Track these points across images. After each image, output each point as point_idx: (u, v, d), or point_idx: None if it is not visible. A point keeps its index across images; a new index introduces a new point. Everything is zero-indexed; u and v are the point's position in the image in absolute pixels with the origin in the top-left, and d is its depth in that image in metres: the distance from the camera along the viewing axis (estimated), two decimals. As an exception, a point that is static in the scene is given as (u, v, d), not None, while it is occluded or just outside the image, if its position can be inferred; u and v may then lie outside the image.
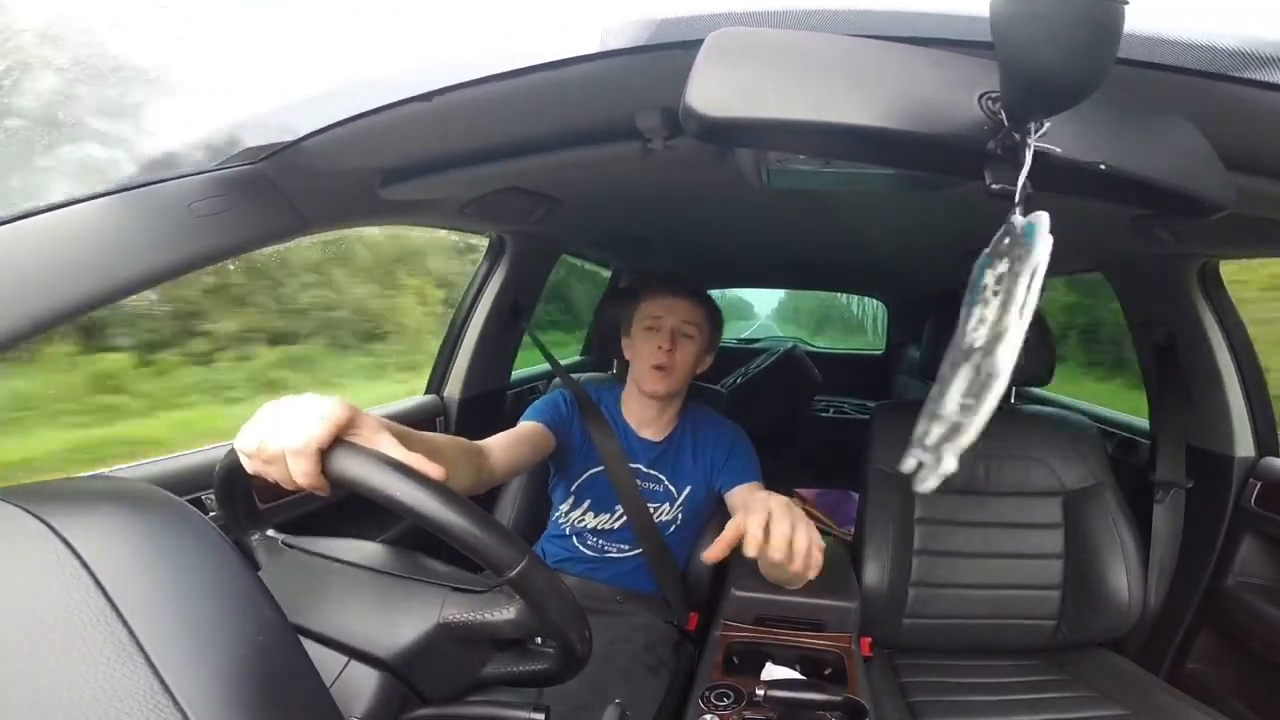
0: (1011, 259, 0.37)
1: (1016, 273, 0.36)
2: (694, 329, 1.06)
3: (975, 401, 0.35)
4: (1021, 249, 0.36)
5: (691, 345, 1.05)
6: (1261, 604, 1.09)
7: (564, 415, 1.09)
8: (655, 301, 1.06)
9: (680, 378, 1.05)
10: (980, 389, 0.35)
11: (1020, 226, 0.38)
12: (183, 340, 1.61)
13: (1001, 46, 0.33)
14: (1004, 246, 0.39)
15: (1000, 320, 0.36)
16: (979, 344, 0.38)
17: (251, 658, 0.34)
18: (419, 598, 0.50)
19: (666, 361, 1.03)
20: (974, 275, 0.44)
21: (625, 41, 0.50)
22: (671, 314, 1.04)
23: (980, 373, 0.36)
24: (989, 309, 0.38)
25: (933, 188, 0.86)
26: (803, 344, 3.48)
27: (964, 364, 0.39)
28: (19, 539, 0.34)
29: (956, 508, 1.17)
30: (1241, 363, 1.17)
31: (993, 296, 0.38)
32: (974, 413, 0.34)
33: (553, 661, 0.51)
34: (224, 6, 0.55)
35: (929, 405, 0.43)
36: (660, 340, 1.03)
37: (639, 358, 1.06)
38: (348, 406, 0.46)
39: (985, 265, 0.42)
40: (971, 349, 0.39)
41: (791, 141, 0.43)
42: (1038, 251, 0.34)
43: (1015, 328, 0.34)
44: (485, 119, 0.66)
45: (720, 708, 0.77)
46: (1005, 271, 0.38)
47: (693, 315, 1.06)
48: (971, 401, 0.35)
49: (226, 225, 0.68)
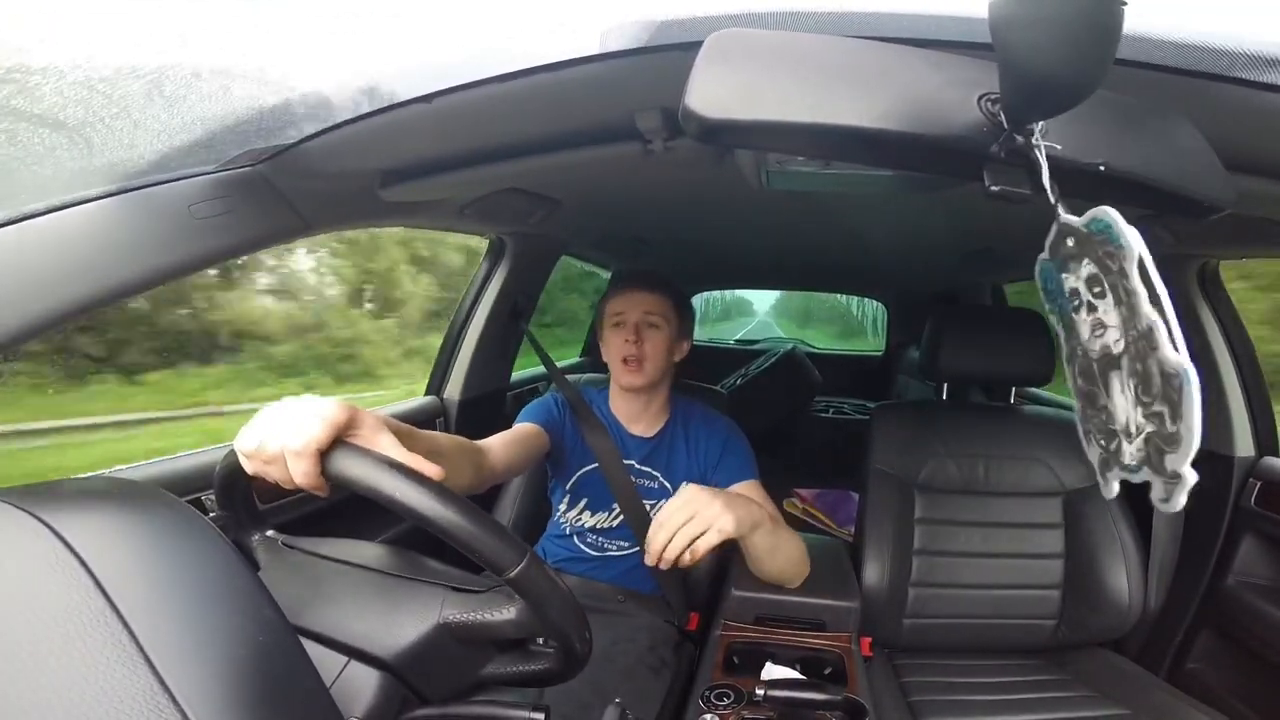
0: (1096, 258, 0.36)
1: (1121, 269, 0.34)
2: (659, 319, 1.07)
3: (1173, 406, 0.33)
4: (1107, 246, 0.35)
5: (658, 335, 1.07)
6: (1261, 604, 1.09)
7: (556, 416, 1.11)
8: (618, 298, 1.08)
9: (653, 368, 1.06)
10: (1169, 390, 0.33)
11: (1082, 224, 0.37)
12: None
13: (1001, 48, 0.33)
14: (1069, 248, 0.39)
15: (1133, 320, 0.34)
16: (1118, 349, 0.36)
17: (251, 658, 0.34)
18: (419, 598, 0.50)
19: (635, 353, 1.04)
20: (1042, 282, 0.43)
21: (625, 43, 0.50)
22: (634, 307, 1.06)
23: (1153, 376, 0.34)
24: (1103, 314, 0.37)
25: (932, 189, 0.86)
26: (803, 344, 3.49)
27: (1113, 372, 0.37)
28: (19, 539, 0.34)
29: (956, 508, 1.17)
30: (1241, 363, 1.17)
31: (1097, 299, 0.37)
32: (1181, 419, 0.33)
33: (553, 661, 0.51)
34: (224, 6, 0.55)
35: (1089, 424, 0.41)
36: (625, 334, 1.05)
37: (611, 355, 1.08)
38: (347, 407, 0.46)
39: (1056, 269, 0.41)
40: (1110, 355, 0.37)
41: (791, 143, 0.43)
42: (1131, 244, 0.33)
43: (1162, 320, 0.33)
44: (485, 120, 0.66)
45: (720, 707, 0.77)
46: (1095, 272, 0.37)
47: (656, 306, 1.07)
48: (1166, 408, 0.33)
49: (226, 227, 0.68)
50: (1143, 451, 0.36)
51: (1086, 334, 0.39)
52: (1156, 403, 0.34)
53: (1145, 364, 0.34)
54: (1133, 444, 0.36)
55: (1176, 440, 0.33)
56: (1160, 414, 0.34)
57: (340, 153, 0.70)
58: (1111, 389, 0.38)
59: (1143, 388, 0.35)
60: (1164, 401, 0.33)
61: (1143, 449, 0.36)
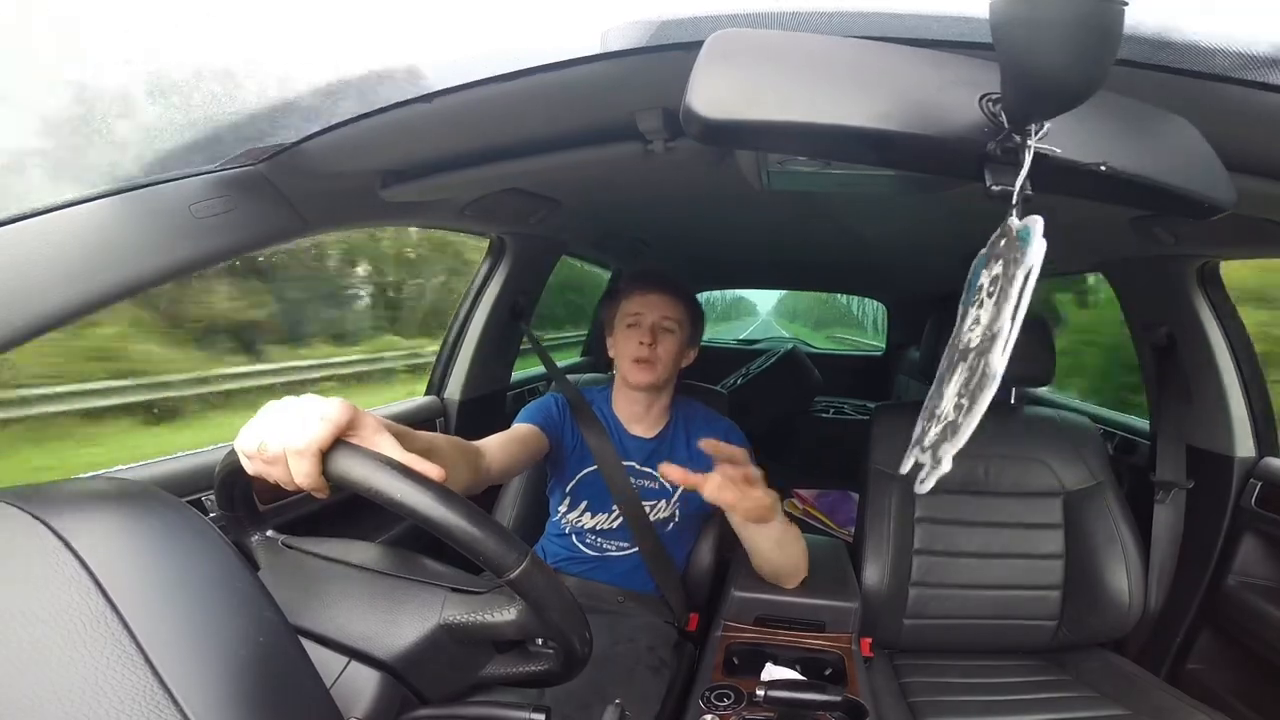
0: (1006, 261, 0.38)
1: (1011, 274, 0.36)
2: (674, 324, 1.07)
3: (970, 402, 0.35)
4: (1016, 251, 0.37)
5: (672, 340, 1.07)
6: (1261, 604, 1.09)
7: (556, 417, 1.10)
8: (635, 299, 1.07)
9: (664, 370, 1.06)
10: (976, 389, 0.35)
11: (1016, 229, 0.38)
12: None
13: (1002, 48, 0.33)
14: (1000, 248, 0.40)
15: (994, 321, 0.36)
16: (974, 344, 0.38)
17: (251, 658, 0.34)
18: (419, 598, 0.50)
19: (648, 355, 1.04)
20: (970, 276, 0.45)
21: (626, 43, 0.50)
22: (651, 310, 1.06)
23: (975, 373, 0.36)
24: (983, 310, 0.39)
25: (933, 189, 0.86)
26: (803, 344, 3.49)
27: (960, 364, 0.39)
28: (19, 539, 0.34)
29: (957, 508, 1.17)
30: (1241, 363, 1.17)
31: (987, 298, 0.39)
32: (969, 413, 0.35)
33: (553, 662, 0.51)
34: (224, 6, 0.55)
35: (927, 404, 0.43)
36: (641, 335, 1.04)
37: (622, 354, 1.08)
38: (348, 407, 0.46)
39: (981, 266, 0.43)
40: (968, 349, 0.39)
41: (792, 143, 0.43)
42: (1031, 254, 0.35)
43: (1008, 329, 0.35)
44: (486, 120, 0.66)
45: (720, 708, 0.77)
46: (1000, 273, 0.38)
47: (672, 311, 1.07)
48: (966, 402, 0.36)
49: (227, 226, 0.68)
50: (938, 436, 0.39)
51: (965, 326, 0.41)
52: (964, 398, 0.37)
53: (978, 361, 0.37)
54: (936, 428, 0.39)
55: (957, 431, 0.36)
56: (961, 406, 0.37)
57: (340, 152, 0.70)
58: (952, 379, 0.40)
59: (965, 381, 0.38)
60: (969, 397, 0.36)
61: (938, 435, 0.39)
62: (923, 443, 0.40)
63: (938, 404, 0.41)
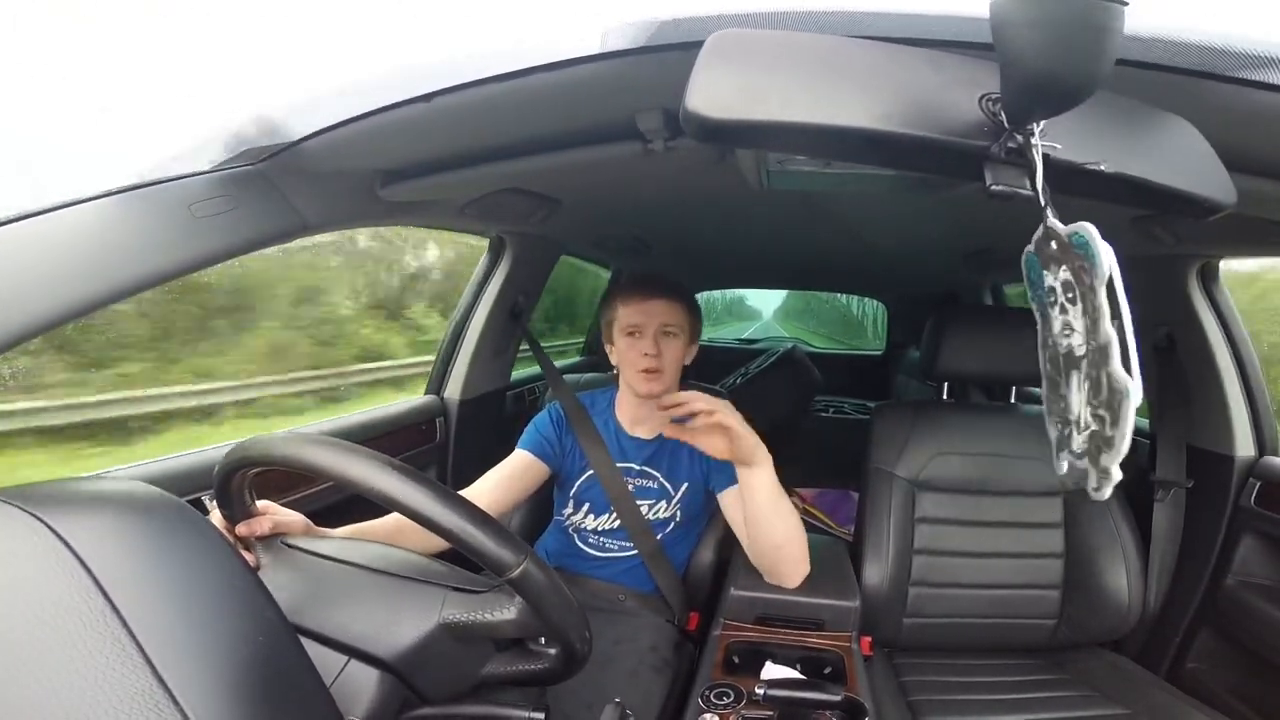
0: (1072, 269, 0.38)
1: (1090, 285, 0.37)
2: (675, 328, 1.06)
3: (1113, 415, 0.37)
4: (1082, 260, 0.37)
5: (676, 343, 1.06)
6: (1261, 604, 1.09)
7: (552, 437, 1.10)
8: (633, 307, 1.05)
9: (671, 374, 1.06)
10: (1114, 403, 0.37)
11: (1065, 234, 0.39)
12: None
13: (1002, 48, 0.33)
14: (1052, 250, 0.41)
15: (1095, 331, 0.37)
16: (1080, 352, 0.40)
17: (251, 658, 0.34)
18: (419, 598, 0.50)
19: (656, 365, 1.03)
20: (1027, 271, 0.46)
21: (626, 43, 0.50)
22: (651, 318, 1.04)
23: (1102, 388, 0.38)
24: (1074, 317, 0.40)
25: (932, 189, 0.86)
26: (803, 344, 3.49)
27: (1073, 371, 0.41)
28: (19, 539, 0.34)
29: (956, 507, 1.17)
30: (1241, 363, 1.17)
31: (1070, 304, 0.40)
32: (1116, 425, 0.37)
33: (553, 661, 0.51)
34: (224, 6, 0.55)
35: (1050, 407, 0.45)
36: (645, 347, 1.03)
37: (627, 364, 1.06)
38: None
39: (1038, 266, 0.43)
40: (1073, 355, 0.40)
41: (792, 143, 0.43)
42: (1102, 262, 0.36)
43: (1117, 339, 0.36)
44: (485, 120, 0.66)
45: (720, 707, 0.77)
46: (1070, 280, 0.39)
47: (672, 315, 1.05)
48: (1107, 414, 0.37)
49: (227, 226, 0.68)
50: (1087, 445, 0.40)
51: (1057, 330, 0.43)
52: (1101, 408, 0.38)
53: (1098, 373, 0.38)
54: (1080, 436, 0.41)
55: (1112, 444, 0.37)
56: (1103, 418, 0.38)
57: (340, 152, 0.70)
58: (1070, 383, 0.42)
59: (1093, 392, 0.39)
60: (1107, 409, 0.37)
61: (1087, 443, 0.40)
62: (1071, 448, 0.42)
63: (1065, 409, 0.42)
